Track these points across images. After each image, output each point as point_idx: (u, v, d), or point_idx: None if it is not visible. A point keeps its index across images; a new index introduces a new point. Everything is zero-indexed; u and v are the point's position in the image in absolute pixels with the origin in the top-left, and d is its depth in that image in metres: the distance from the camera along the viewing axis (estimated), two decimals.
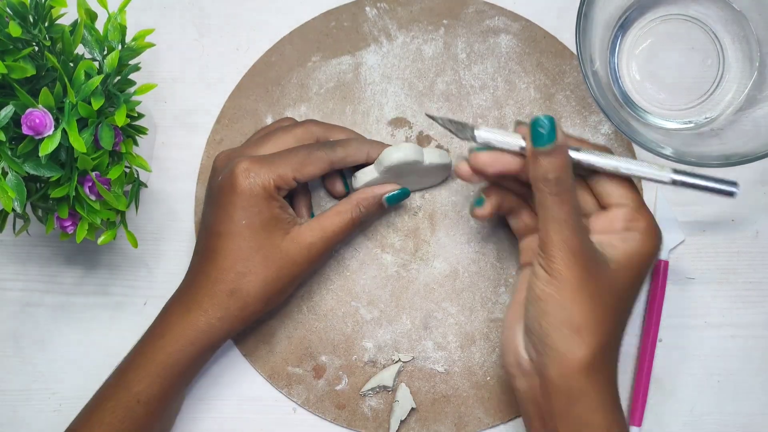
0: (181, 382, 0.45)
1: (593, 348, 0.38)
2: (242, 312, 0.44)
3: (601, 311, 0.39)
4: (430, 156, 0.46)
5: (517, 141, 0.40)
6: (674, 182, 0.41)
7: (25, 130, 0.37)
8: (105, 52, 0.42)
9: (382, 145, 0.47)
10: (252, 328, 0.50)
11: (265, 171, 0.43)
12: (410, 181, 0.48)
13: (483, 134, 0.41)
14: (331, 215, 0.45)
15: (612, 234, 0.41)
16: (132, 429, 0.43)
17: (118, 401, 0.43)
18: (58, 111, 0.38)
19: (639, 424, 0.48)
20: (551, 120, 0.38)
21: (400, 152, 0.45)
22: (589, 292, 0.38)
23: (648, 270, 0.41)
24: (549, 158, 0.38)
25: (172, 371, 0.43)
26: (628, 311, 0.42)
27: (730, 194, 0.40)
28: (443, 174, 0.49)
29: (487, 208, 0.44)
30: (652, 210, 0.50)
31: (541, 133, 0.38)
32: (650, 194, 0.51)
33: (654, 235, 0.41)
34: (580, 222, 0.39)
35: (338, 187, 0.49)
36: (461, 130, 0.42)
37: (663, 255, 0.50)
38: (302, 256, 0.44)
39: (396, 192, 0.47)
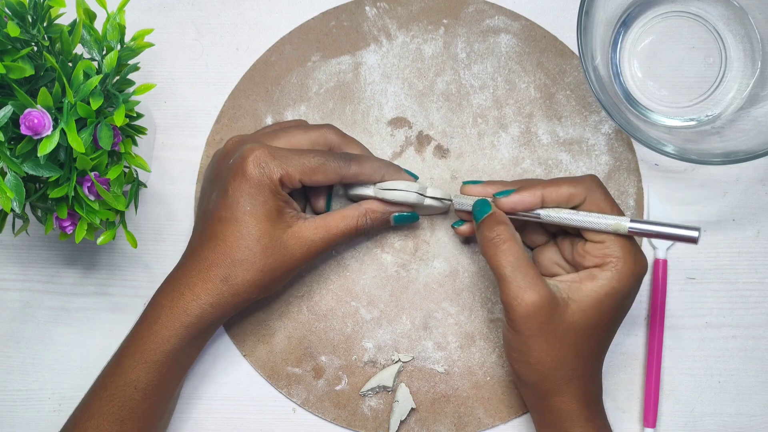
0: (176, 367, 0.44)
1: (554, 382, 0.42)
2: (234, 299, 0.44)
3: (557, 352, 0.41)
4: (431, 200, 0.47)
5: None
6: (630, 231, 0.41)
7: (23, 130, 0.37)
8: (104, 52, 0.42)
9: (398, 170, 0.47)
10: (252, 328, 0.50)
11: (275, 164, 0.43)
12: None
13: (457, 200, 0.47)
14: (337, 218, 0.45)
15: (583, 272, 0.42)
16: (131, 416, 0.43)
17: (115, 389, 0.43)
18: (57, 111, 0.38)
19: (653, 426, 0.48)
20: (484, 201, 0.44)
21: (400, 195, 0.46)
22: (544, 338, 0.41)
23: (624, 304, 0.43)
24: (484, 223, 0.43)
25: (167, 357, 0.43)
26: (600, 341, 0.43)
27: (693, 240, 0.40)
28: (441, 210, 0.50)
29: (465, 228, 0.48)
30: (644, 210, 0.50)
31: (479, 211, 0.44)
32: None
33: (629, 272, 0.41)
34: (529, 272, 0.41)
35: (320, 204, 0.49)
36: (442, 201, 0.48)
37: (661, 254, 0.50)
38: (301, 252, 0.44)
39: (406, 214, 0.48)
